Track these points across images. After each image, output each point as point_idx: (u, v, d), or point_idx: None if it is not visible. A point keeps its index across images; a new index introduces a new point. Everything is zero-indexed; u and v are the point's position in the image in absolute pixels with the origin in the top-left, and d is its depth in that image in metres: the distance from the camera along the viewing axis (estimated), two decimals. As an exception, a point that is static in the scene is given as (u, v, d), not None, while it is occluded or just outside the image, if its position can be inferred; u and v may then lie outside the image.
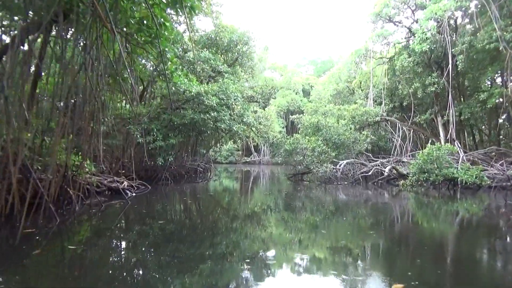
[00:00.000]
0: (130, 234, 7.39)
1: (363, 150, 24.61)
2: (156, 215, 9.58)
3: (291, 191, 17.59)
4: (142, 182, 15.07)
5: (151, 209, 10.63)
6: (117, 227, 8.06)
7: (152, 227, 7.98)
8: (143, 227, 8.06)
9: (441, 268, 5.55)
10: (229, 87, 19.18)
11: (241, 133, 19.34)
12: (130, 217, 9.18)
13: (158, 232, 7.52)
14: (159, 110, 17.76)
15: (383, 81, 31.60)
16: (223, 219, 9.45)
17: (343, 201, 14.28)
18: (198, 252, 5.98)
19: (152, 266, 5.25)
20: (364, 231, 8.42)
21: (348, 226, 9.07)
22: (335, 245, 7.09)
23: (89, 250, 6.09)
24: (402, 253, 6.77)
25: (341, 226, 9.10)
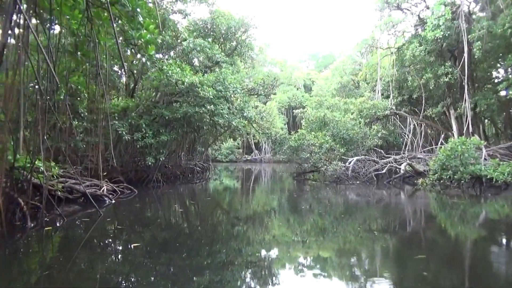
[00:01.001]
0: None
1: (373, 146, 22.42)
2: (130, 234, 7.28)
3: (298, 193, 15.43)
4: (127, 185, 12.93)
5: (127, 223, 8.45)
6: (51, 266, 5.15)
7: (114, 263, 5.36)
8: (97, 263, 5.20)
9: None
10: (227, 77, 16.99)
11: (241, 129, 17.18)
12: (89, 242, 6.51)
13: (118, 275, 4.80)
14: (149, 103, 15.58)
15: (391, 72, 29.38)
16: (222, 240, 6.97)
17: (358, 204, 12.13)
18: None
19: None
20: (384, 242, 6.69)
21: (366, 237, 7.17)
22: (349, 259, 5.83)
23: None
24: (434, 270, 4.69)
25: (357, 237, 7.23)
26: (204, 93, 15.26)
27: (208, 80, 15.85)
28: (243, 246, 6.38)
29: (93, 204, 9.87)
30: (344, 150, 19.72)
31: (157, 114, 15.28)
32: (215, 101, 16.05)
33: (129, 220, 8.81)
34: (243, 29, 20.60)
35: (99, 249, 6.13)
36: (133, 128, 15.02)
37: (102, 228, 7.56)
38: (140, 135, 14.30)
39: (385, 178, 19.61)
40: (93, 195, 10.17)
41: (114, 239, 6.87)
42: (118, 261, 5.46)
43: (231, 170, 34.06)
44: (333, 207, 11.39)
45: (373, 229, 7.99)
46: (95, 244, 6.36)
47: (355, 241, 6.92)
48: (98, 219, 8.15)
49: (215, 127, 17.15)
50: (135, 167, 15.82)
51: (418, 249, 6.34)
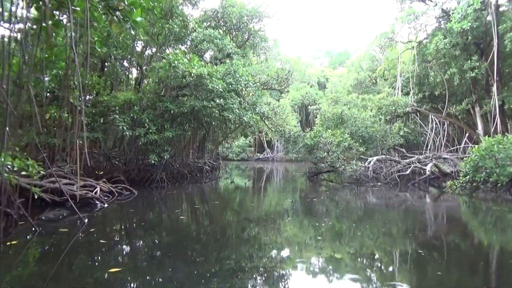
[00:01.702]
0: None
1: (394, 145, 20.72)
2: (111, 252, 5.73)
3: (314, 196, 13.91)
4: (126, 186, 11.60)
5: (112, 236, 6.86)
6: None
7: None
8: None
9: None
10: (238, 69, 15.55)
11: (253, 125, 15.72)
12: (47, 264, 4.95)
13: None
14: (153, 96, 14.22)
15: (412, 68, 27.51)
16: (229, 269, 5.13)
17: (382, 209, 10.53)
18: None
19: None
20: (410, 256, 5.43)
21: (390, 251, 5.74)
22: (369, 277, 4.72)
23: None
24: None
25: (380, 249, 5.94)
26: (213, 85, 13.84)
27: (218, 71, 14.43)
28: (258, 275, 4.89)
29: (83, 208, 8.57)
30: (363, 149, 18.09)
31: (162, 108, 13.93)
32: (225, 94, 14.63)
33: (116, 232, 7.30)
34: (256, 19, 19.10)
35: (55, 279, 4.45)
36: (136, 124, 13.71)
37: (78, 244, 5.93)
38: (143, 131, 12.95)
39: (408, 179, 17.94)
40: (83, 198, 8.84)
41: (86, 260, 5.20)
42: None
43: (242, 169, 32.64)
44: (353, 213, 9.85)
45: (398, 242, 6.55)
46: (53, 271, 4.64)
47: (378, 253, 5.42)
48: (79, 229, 6.74)
49: (224, 123, 15.73)
50: (138, 165, 14.49)
51: (448, 264, 4.81)
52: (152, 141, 13.22)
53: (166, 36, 16.28)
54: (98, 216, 8.34)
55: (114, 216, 8.82)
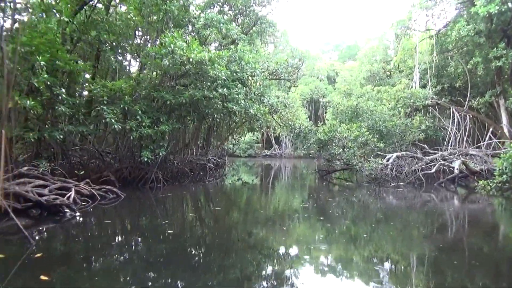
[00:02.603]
0: None
1: (414, 140, 18.73)
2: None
3: (331, 198, 12.05)
4: (110, 188, 9.87)
5: (60, 268, 4.65)
6: None
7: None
8: None
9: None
10: (244, 56, 13.74)
11: (260, 118, 13.89)
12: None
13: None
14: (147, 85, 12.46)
15: (429, 58, 25.37)
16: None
17: (414, 217, 8.64)
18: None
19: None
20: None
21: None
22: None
23: None
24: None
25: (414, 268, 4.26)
26: (215, 72, 12.04)
27: (220, 56, 12.61)
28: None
29: (48, 219, 6.86)
30: (382, 144, 16.15)
31: (158, 98, 12.17)
32: (229, 84, 12.83)
33: (71, 258, 5.10)
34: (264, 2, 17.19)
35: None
36: (128, 116, 11.98)
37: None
38: (135, 124, 11.19)
39: (432, 178, 15.99)
40: (51, 205, 7.11)
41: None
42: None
43: (250, 166, 30.80)
44: (376, 220, 7.99)
45: (429, 257, 4.72)
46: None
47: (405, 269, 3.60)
48: (20, 257, 4.81)
49: (229, 116, 13.92)
50: (131, 163, 12.76)
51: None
52: (145, 136, 11.47)
53: (164, 21, 14.52)
54: (56, 232, 6.50)
55: (80, 230, 6.74)
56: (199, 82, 12.49)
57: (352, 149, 15.40)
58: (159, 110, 12.79)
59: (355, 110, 19.09)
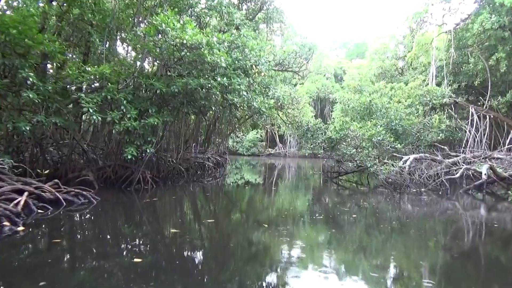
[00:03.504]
0: None
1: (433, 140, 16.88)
2: None
3: (351, 209, 10.23)
4: (81, 191, 8.13)
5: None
6: None
7: None
8: None
9: None
10: (247, 42, 11.96)
11: (264, 112, 12.09)
12: None
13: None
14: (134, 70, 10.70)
15: (447, 54, 23.44)
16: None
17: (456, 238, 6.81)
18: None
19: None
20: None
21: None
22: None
23: None
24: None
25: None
26: (213, 58, 10.28)
27: (220, 40, 10.85)
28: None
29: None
30: (401, 145, 14.31)
31: (146, 86, 10.44)
32: (230, 72, 11.05)
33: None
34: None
35: None
36: (111, 107, 10.27)
37: None
38: (117, 115, 9.46)
39: (455, 184, 14.15)
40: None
41: None
42: None
43: (253, 165, 28.99)
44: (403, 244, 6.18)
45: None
46: None
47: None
48: None
49: (229, 109, 12.15)
50: (115, 161, 11.02)
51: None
52: (130, 130, 9.73)
53: (159, 3, 12.81)
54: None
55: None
56: (195, 70, 10.74)
57: (366, 149, 13.58)
58: (151, 100, 11.04)
59: (368, 107, 17.25)
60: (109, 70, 10.00)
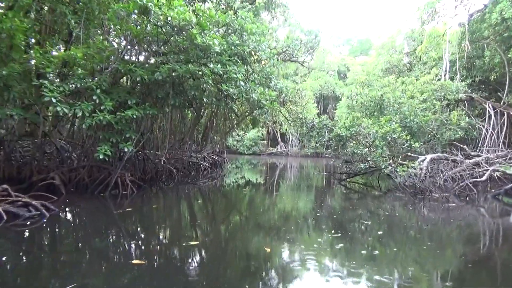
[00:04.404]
0: None
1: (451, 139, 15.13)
2: None
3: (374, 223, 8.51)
4: (30, 201, 6.42)
5: None
6: None
7: None
8: None
9: None
10: (246, 26, 10.26)
11: (265, 105, 10.35)
12: None
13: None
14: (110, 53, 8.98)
15: (461, 47, 21.66)
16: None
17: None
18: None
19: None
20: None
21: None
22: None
23: None
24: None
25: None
26: (204, 41, 8.58)
27: (212, 20, 9.16)
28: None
29: None
30: (418, 144, 12.56)
31: (124, 72, 8.73)
32: (225, 59, 9.34)
33: None
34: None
35: None
36: (82, 97, 8.56)
37: None
38: (88, 107, 7.75)
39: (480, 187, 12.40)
40: None
41: None
42: None
43: (254, 164, 27.25)
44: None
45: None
46: None
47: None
48: None
49: (224, 101, 10.42)
50: (90, 161, 9.30)
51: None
52: (104, 124, 8.05)
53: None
54: None
55: None
56: (184, 55, 9.04)
57: (380, 148, 11.85)
58: (131, 91, 9.34)
59: (379, 103, 15.49)
60: (81, 54, 8.30)
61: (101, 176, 9.01)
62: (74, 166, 9.22)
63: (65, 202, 7.54)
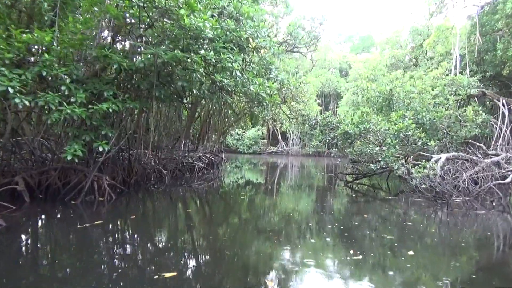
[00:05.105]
0: None
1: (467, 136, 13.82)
2: None
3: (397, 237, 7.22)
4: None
5: None
6: None
7: None
8: None
9: None
10: (242, 10, 8.97)
11: (265, 99, 9.04)
12: None
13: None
14: (82, 37, 7.67)
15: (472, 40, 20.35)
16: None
17: None
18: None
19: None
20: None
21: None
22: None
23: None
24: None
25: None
26: (192, 23, 7.29)
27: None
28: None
29: None
30: (433, 142, 11.24)
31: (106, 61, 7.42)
32: (219, 45, 8.03)
33: None
34: None
35: None
36: (49, 87, 7.27)
37: None
38: (55, 99, 6.45)
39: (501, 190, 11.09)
40: None
41: None
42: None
43: (254, 164, 25.96)
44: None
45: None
46: None
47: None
48: None
49: (219, 94, 9.12)
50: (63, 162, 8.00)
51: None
52: (75, 120, 6.76)
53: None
54: None
55: None
56: (169, 40, 7.75)
57: (393, 147, 10.54)
58: (110, 82, 8.03)
59: (388, 98, 14.17)
60: (49, 38, 7.00)
61: (75, 180, 7.71)
62: (45, 168, 7.92)
63: (23, 213, 6.26)
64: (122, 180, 9.14)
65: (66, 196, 7.43)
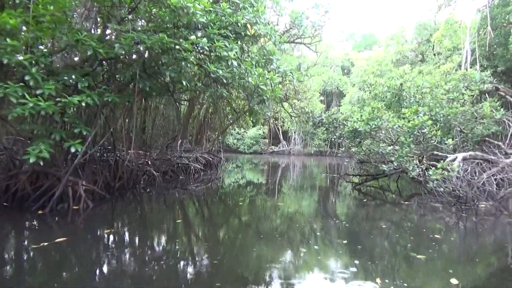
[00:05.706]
0: None
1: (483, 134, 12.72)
2: None
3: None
4: None
5: None
6: None
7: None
8: None
9: None
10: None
11: (265, 92, 7.96)
12: None
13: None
14: (54, 19, 6.60)
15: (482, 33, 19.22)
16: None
17: None
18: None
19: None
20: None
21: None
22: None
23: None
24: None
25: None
26: (181, 5, 6.24)
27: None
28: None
29: None
30: (450, 140, 10.13)
31: (74, 46, 6.35)
32: (213, 31, 6.96)
33: None
34: None
35: None
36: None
37: None
38: (17, 91, 5.40)
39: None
40: None
41: None
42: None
43: (255, 163, 24.86)
44: None
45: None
46: None
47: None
48: None
49: (213, 87, 8.07)
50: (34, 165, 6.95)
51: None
52: (43, 116, 5.70)
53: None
54: None
55: None
56: (153, 24, 6.70)
57: (407, 146, 9.45)
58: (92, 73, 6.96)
59: (397, 93, 13.07)
60: (14, 21, 5.94)
61: (47, 184, 6.65)
62: (14, 172, 6.86)
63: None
64: (105, 184, 8.07)
65: (35, 204, 6.37)
